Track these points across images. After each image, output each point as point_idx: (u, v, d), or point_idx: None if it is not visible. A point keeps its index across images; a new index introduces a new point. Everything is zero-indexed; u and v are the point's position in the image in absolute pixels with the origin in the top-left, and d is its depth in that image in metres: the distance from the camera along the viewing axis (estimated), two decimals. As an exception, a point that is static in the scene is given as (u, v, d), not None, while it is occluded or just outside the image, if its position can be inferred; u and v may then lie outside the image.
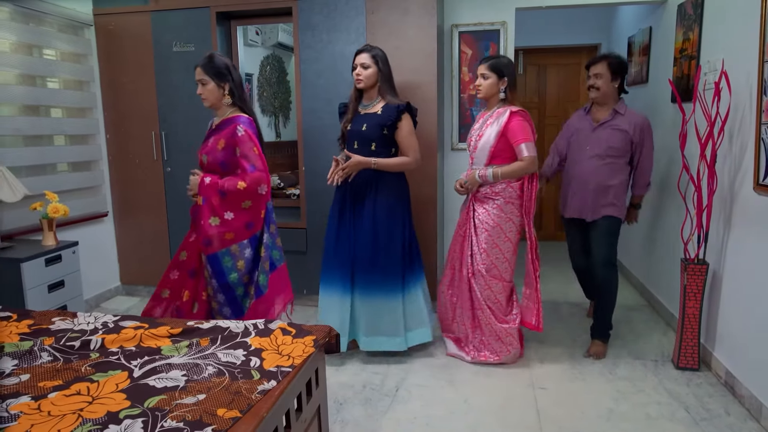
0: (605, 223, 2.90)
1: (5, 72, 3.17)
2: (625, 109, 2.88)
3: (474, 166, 2.84)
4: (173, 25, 3.63)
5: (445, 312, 3.06)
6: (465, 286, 2.86)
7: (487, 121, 2.79)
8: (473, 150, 2.84)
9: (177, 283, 2.56)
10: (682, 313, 2.71)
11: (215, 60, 2.45)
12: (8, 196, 2.84)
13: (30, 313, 2.16)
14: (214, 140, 2.48)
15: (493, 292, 2.80)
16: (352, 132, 2.83)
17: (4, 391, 1.53)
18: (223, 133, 2.45)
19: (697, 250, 2.69)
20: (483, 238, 2.79)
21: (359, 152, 2.78)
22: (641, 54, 3.94)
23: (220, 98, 2.47)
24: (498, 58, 2.78)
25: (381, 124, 2.76)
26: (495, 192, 2.77)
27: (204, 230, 2.39)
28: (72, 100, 3.64)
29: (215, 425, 1.35)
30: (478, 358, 2.84)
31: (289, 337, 1.89)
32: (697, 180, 2.62)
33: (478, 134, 2.80)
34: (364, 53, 2.77)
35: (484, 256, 2.78)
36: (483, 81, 2.76)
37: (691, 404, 2.44)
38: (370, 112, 2.82)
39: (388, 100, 2.80)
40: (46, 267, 2.90)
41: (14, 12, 3.23)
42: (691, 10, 3.01)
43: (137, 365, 1.70)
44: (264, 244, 2.50)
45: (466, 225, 2.89)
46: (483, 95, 2.80)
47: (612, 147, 2.86)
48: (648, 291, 3.78)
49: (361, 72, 2.76)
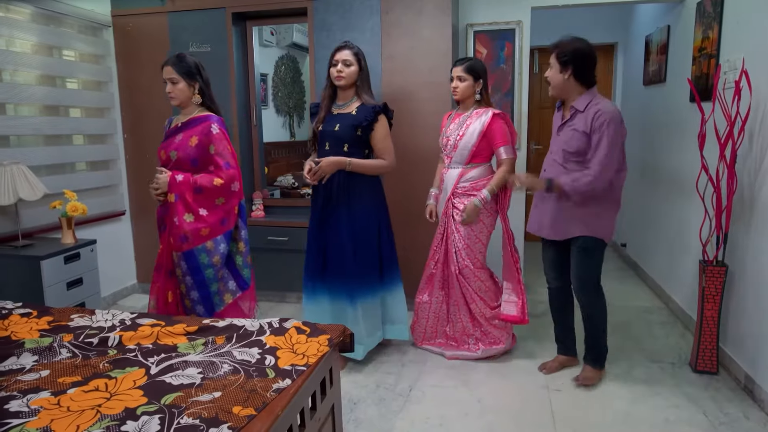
0: (579, 243, 2.53)
1: (26, 73, 3.22)
2: (587, 104, 2.42)
3: (451, 165, 2.86)
4: (190, 26, 3.66)
5: (427, 321, 3.01)
6: (455, 283, 2.87)
7: (465, 121, 2.80)
8: (452, 149, 2.83)
9: (161, 288, 2.57)
10: (700, 316, 2.68)
11: (185, 59, 2.51)
12: (28, 194, 2.89)
13: (49, 309, 2.19)
14: (184, 137, 2.49)
15: (482, 282, 2.87)
16: (324, 132, 2.74)
17: (25, 386, 1.56)
18: (195, 131, 2.49)
19: (716, 252, 2.65)
20: (465, 233, 2.83)
21: (331, 154, 2.71)
22: (659, 53, 3.89)
23: (189, 97, 2.52)
24: (473, 61, 2.79)
25: (355, 125, 2.69)
26: (475, 187, 2.81)
27: (179, 227, 2.44)
28: (90, 101, 3.69)
29: (231, 423, 1.36)
30: (488, 348, 2.88)
31: (304, 336, 1.90)
32: (717, 180, 2.58)
33: (459, 134, 2.80)
34: (346, 50, 2.69)
35: (468, 251, 2.83)
36: (460, 83, 2.78)
37: (710, 408, 2.40)
38: (344, 112, 2.75)
39: (365, 100, 2.74)
40: (65, 265, 2.95)
41: (35, 14, 3.28)
42: (711, 8, 2.96)
43: (154, 362, 1.72)
44: (243, 239, 2.62)
45: (446, 223, 2.89)
46: (460, 97, 2.82)
47: (568, 151, 2.47)
48: (665, 293, 3.73)
49: (343, 69, 2.67)
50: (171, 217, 2.45)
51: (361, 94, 2.75)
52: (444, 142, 2.89)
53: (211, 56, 3.63)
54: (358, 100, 2.76)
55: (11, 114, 3.15)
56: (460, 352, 2.93)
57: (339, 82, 2.70)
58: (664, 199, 3.74)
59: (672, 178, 3.59)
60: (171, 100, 2.52)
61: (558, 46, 2.47)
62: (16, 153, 3.10)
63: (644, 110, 4.26)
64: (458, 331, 2.95)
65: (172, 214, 2.45)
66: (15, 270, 2.84)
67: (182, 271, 2.48)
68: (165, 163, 2.54)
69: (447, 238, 2.89)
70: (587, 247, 2.52)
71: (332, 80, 2.74)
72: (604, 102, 2.41)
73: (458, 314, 2.92)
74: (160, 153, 2.55)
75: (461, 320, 2.92)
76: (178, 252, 2.46)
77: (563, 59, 2.44)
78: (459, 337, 2.95)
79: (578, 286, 2.59)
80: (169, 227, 2.48)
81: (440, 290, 2.96)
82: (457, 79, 2.78)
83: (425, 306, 3.00)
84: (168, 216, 2.48)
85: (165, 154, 2.53)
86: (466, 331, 2.92)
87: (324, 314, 2.83)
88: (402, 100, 3.35)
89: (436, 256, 2.95)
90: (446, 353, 2.95)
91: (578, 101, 2.46)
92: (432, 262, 2.96)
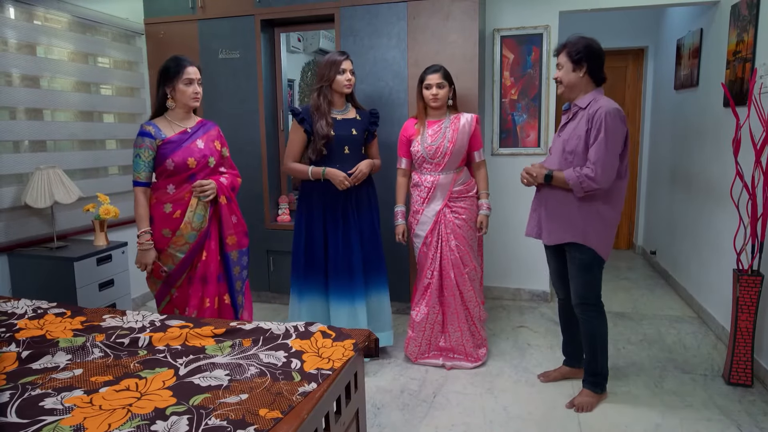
0: (575, 254, 2.42)
1: (63, 79, 3.33)
2: (590, 102, 2.35)
3: (443, 171, 2.81)
4: (219, 33, 3.73)
5: (423, 334, 2.90)
6: (454, 291, 2.85)
7: (449, 126, 2.80)
8: (444, 156, 2.78)
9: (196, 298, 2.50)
10: (734, 327, 2.60)
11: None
12: (64, 197, 2.98)
13: (82, 310, 2.25)
14: (207, 141, 2.53)
15: (478, 282, 2.94)
16: (340, 137, 2.81)
17: (59, 384, 1.60)
18: (212, 135, 2.57)
19: (751, 261, 2.57)
20: (467, 235, 2.86)
21: (351, 157, 2.84)
22: (691, 57, 3.81)
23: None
24: (443, 67, 2.80)
25: (364, 129, 2.90)
26: (468, 189, 2.87)
27: (239, 225, 2.62)
28: (123, 106, 3.79)
29: (257, 425, 1.37)
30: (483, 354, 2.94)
31: (329, 340, 1.91)
32: (752, 188, 2.51)
33: (450, 140, 2.77)
34: (349, 60, 2.83)
35: (472, 252, 2.88)
36: (440, 90, 2.77)
37: (744, 422, 2.33)
38: (348, 118, 2.87)
39: (358, 106, 2.96)
40: (97, 266, 3.02)
41: (72, 22, 3.39)
42: (746, 11, 2.89)
43: (183, 363, 1.75)
44: None
45: (440, 231, 2.83)
46: (440, 104, 2.80)
47: (568, 151, 2.38)
48: (696, 302, 3.63)
49: (351, 78, 2.82)
50: (227, 218, 2.56)
51: (354, 101, 2.96)
52: (428, 151, 2.79)
53: (240, 62, 3.69)
54: (353, 107, 2.94)
55: (48, 119, 3.25)
56: (460, 363, 2.89)
57: (349, 89, 2.84)
58: (696, 206, 3.66)
59: (704, 184, 3.50)
60: (195, 101, 2.48)
61: (567, 45, 2.38)
62: (52, 157, 3.20)
63: (675, 115, 4.17)
64: (455, 341, 2.89)
65: (228, 215, 2.56)
66: (50, 271, 2.92)
67: (241, 266, 2.62)
68: (196, 168, 2.46)
69: (442, 246, 2.83)
70: (584, 264, 2.40)
71: (425, 102, 2.82)
72: (606, 100, 2.33)
73: (456, 323, 2.87)
74: (188, 160, 2.42)
75: (459, 329, 2.88)
76: (242, 249, 2.61)
77: (576, 57, 2.34)
78: (456, 347, 2.90)
79: (577, 302, 2.47)
80: (227, 227, 2.56)
81: (437, 301, 2.88)
82: (437, 87, 2.76)
83: (423, 319, 2.88)
84: (223, 218, 2.54)
85: (197, 162, 2.45)
86: (465, 339, 2.88)
87: (317, 315, 2.93)
88: (428, 106, 3.35)
89: (432, 265, 2.85)
90: (446, 363, 2.89)
91: (581, 99, 2.39)
92: (429, 272, 2.86)
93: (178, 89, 2.43)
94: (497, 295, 3.99)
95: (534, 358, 3.00)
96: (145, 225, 2.42)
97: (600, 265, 2.42)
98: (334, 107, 2.85)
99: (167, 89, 2.45)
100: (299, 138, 2.85)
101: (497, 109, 3.77)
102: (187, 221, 2.44)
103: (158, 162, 2.43)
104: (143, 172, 2.43)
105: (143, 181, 2.44)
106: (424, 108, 2.86)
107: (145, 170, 2.43)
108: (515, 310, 3.78)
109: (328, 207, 2.85)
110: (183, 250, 2.45)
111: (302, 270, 2.92)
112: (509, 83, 3.73)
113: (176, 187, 2.44)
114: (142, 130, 2.41)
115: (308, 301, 2.93)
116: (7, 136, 2.95)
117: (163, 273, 2.45)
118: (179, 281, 2.50)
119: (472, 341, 2.91)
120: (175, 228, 2.43)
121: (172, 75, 2.42)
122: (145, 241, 2.40)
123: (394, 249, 3.49)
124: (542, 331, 3.37)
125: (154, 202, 2.45)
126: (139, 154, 2.41)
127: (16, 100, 3.00)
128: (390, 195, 3.36)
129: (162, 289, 2.51)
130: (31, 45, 3.11)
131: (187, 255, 2.46)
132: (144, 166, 2.42)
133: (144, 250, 2.41)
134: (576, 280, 2.44)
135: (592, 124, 2.28)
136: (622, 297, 4.01)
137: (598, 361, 2.48)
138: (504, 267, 3.96)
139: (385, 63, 3.43)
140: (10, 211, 2.99)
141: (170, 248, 2.44)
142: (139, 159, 2.41)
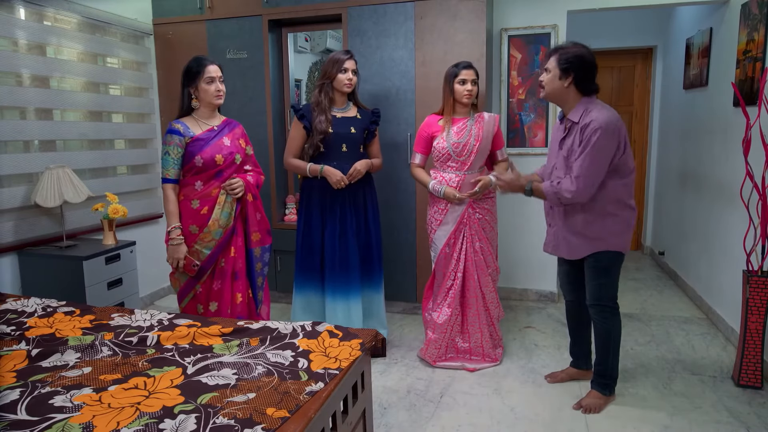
0: (594, 260, 2.38)
1: (72, 80, 3.35)
2: (581, 115, 2.28)
3: (469, 170, 2.78)
4: (227, 33, 3.74)
5: (444, 335, 2.86)
6: (477, 292, 2.84)
7: (473, 125, 2.79)
8: (470, 154, 2.75)
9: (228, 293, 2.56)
10: (744, 328, 2.58)
11: None
12: (73, 197, 2.99)
13: (91, 308, 2.27)
14: (233, 139, 2.55)
15: (496, 282, 2.96)
16: (339, 135, 2.82)
17: (68, 382, 1.61)
18: (238, 133, 2.60)
19: (761, 262, 2.55)
20: (490, 235, 2.87)
21: (349, 155, 2.85)
22: (701, 56, 3.78)
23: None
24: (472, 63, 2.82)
25: (364, 128, 2.89)
26: (491, 191, 2.87)
27: (263, 223, 2.66)
28: (132, 106, 3.81)
29: (265, 424, 1.38)
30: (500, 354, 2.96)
31: (336, 340, 1.91)
32: (762, 188, 2.49)
33: (476, 138, 2.75)
34: (353, 59, 2.82)
35: (494, 254, 2.90)
36: (474, 87, 2.76)
37: (753, 424, 2.31)
38: (348, 116, 2.88)
39: (360, 105, 2.96)
40: (105, 265, 3.04)
41: (82, 23, 3.41)
42: (757, 10, 2.87)
43: (191, 362, 1.76)
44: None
45: (464, 232, 2.81)
46: (472, 100, 2.80)
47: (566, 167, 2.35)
48: (705, 303, 3.61)
49: (353, 78, 2.81)
50: (253, 215, 2.59)
51: (355, 99, 2.95)
52: (455, 148, 2.76)
53: (247, 62, 3.70)
54: (354, 105, 2.94)
55: (57, 119, 3.27)
56: (482, 364, 2.88)
57: (349, 89, 2.83)
58: (705, 206, 3.63)
59: (714, 184, 3.47)
60: (219, 99, 2.50)
61: (558, 50, 2.31)
62: (61, 157, 3.22)
63: (684, 115, 4.14)
64: (475, 342, 2.88)
65: (253, 212, 2.60)
66: (59, 269, 2.94)
67: (263, 263, 2.66)
68: (223, 165, 2.48)
69: (466, 247, 2.82)
70: (602, 265, 2.36)
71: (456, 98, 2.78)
72: (598, 110, 2.23)
73: (477, 325, 2.86)
74: (216, 157, 2.45)
75: (480, 330, 2.87)
76: (264, 245, 2.66)
77: (564, 66, 2.27)
78: (475, 348, 2.89)
79: (592, 303, 2.43)
80: (252, 224, 2.60)
81: (458, 303, 2.86)
82: (472, 83, 2.75)
83: (446, 321, 2.84)
84: (249, 215, 2.58)
85: (224, 158, 2.48)
86: (484, 340, 2.88)
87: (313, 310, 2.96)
88: (436, 105, 3.34)
89: (456, 267, 2.83)
90: (468, 365, 2.86)
91: (573, 113, 2.31)
92: (452, 274, 2.83)
93: (201, 88, 2.46)
94: (504, 295, 3.98)
95: (541, 358, 2.99)
96: (176, 220, 2.45)
97: (618, 265, 2.40)
98: (335, 105, 2.86)
99: (191, 89, 2.49)
100: (299, 134, 2.87)
101: (505, 109, 3.76)
102: (214, 218, 2.47)
103: (186, 159, 2.47)
104: (172, 169, 2.46)
105: (172, 178, 2.47)
106: (453, 104, 2.81)
107: (174, 167, 2.46)
108: (522, 310, 3.76)
109: (327, 204, 2.88)
110: (209, 246, 2.48)
111: (300, 265, 2.95)
112: (517, 83, 3.72)
113: (204, 183, 2.48)
114: (171, 128, 2.45)
115: (305, 297, 2.96)
116: (18, 135, 2.97)
117: (194, 267, 2.48)
118: (204, 277, 2.54)
119: (491, 341, 2.91)
120: (202, 224, 2.47)
121: (194, 75, 2.46)
122: (176, 236, 2.44)
123: (402, 249, 3.49)
124: (549, 332, 3.36)
125: (182, 199, 2.49)
126: (168, 151, 2.44)
127: (26, 100, 3.02)
128: (392, 194, 3.37)
129: (187, 285, 2.54)
130: (41, 45, 3.14)
131: (213, 251, 2.49)
132: (173, 163, 2.45)
133: (175, 245, 2.44)
134: (592, 282, 2.41)
135: (583, 137, 2.24)
136: (630, 298, 3.98)
137: (609, 363, 2.46)
138: (511, 267, 3.95)
139: (392, 63, 3.43)
140: (20, 210, 3.01)
141: (197, 244, 2.47)
142: (168, 156, 2.44)
